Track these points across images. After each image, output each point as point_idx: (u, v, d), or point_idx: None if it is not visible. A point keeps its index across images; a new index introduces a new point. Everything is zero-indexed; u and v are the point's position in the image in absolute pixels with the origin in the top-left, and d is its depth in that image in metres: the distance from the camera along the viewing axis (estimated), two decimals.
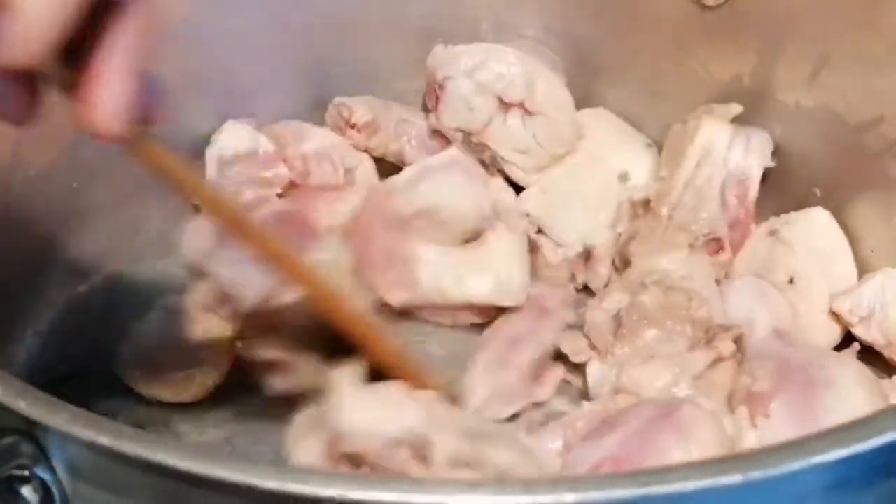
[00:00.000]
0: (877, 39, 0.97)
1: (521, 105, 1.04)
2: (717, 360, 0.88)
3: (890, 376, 0.90)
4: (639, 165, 1.07)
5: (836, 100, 1.00)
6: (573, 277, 1.03)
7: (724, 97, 1.06)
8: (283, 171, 1.06)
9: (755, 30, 1.04)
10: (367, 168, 1.09)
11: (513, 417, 0.93)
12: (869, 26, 0.97)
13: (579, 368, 0.93)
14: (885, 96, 0.97)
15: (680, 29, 1.08)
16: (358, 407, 0.71)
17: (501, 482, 0.67)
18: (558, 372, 0.96)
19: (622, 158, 1.07)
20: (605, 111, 1.12)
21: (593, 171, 1.06)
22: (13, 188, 0.95)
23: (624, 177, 1.06)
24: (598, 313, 0.93)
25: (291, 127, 1.09)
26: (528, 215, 1.04)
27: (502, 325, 0.97)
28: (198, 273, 0.82)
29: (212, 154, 1.04)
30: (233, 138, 1.05)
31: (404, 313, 1.01)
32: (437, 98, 1.05)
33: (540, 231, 1.03)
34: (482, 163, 1.07)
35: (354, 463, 0.70)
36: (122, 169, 1.04)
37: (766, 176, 1.04)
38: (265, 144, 1.05)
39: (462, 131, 1.04)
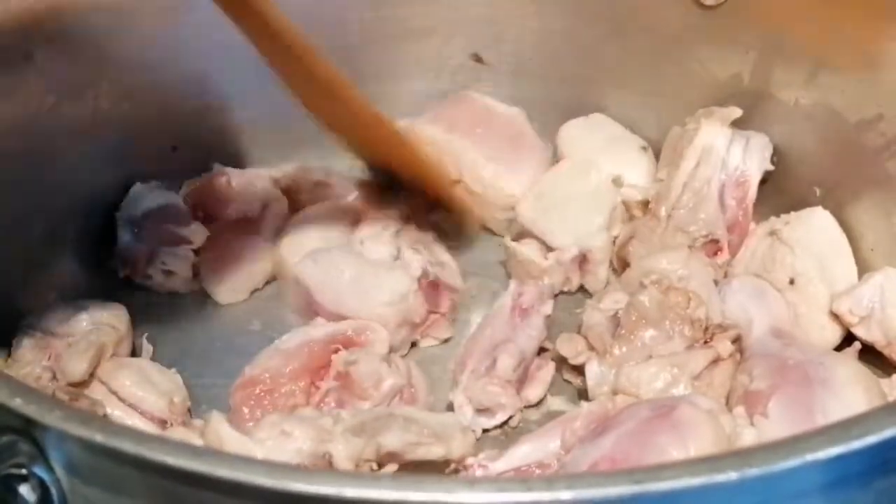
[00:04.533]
0: (875, 38, 0.97)
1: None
2: (716, 360, 0.88)
3: (890, 375, 0.90)
4: (634, 169, 1.07)
5: (835, 98, 1.00)
6: (567, 280, 1.03)
7: (724, 96, 1.06)
8: (199, 229, 1.02)
9: (754, 29, 1.04)
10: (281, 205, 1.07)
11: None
12: (867, 25, 0.97)
13: (578, 368, 0.93)
14: (885, 94, 0.97)
15: (680, 28, 1.08)
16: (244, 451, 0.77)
17: (499, 480, 0.67)
18: (549, 371, 0.96)
19: (616, 163, 1.07)
20: (600, 117, 1.12)
21: (587, 177, 1.06)
22: None
23: (618, 181, 1.06)
24: (596, 314, 0.93)
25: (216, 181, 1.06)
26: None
27: (483, 332, 0.97)
28: None
29: (121, 216, 1.02)
30: (143, 198, 1.03)
31: None
32: None
33: (530, 236, 1.04)
34: None
35: None
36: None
37: (766, 176, 1.04)
38: (176, 201, 1.03)
39: None
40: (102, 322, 0.92)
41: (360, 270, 0.97)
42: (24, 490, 0.61)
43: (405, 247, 1.01)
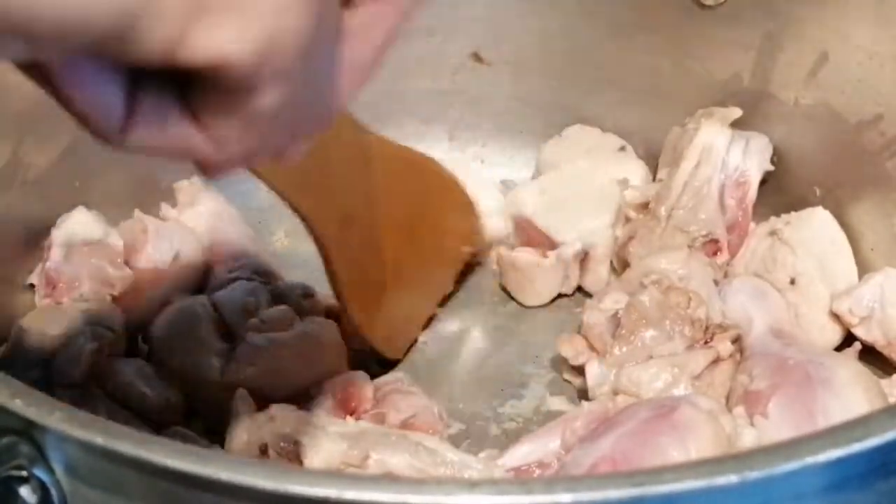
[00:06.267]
0: (876, 37, 0.97)
1: None
2: (716, 360, 0.89)
3: (890, 375, 0.90)
4: (616, 171, 1.07)
5: (835, 98, 1.01)
6: (566, 278, 1.03)
7: (724, 96, 1.06)
8: (129, 276, 0.97)
9: (754, 28, 1.04)
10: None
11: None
12: (868, 24, 0.97)
13: (578, 368, 0.93)
14: (885, 94, 0.97)
15: (680, 28, 1.08)
16: (244, 427, 0.82)
17: (499, 482, 0.67)
18: None
19: (616, 170, 1.07)
20: (576, 129, 1.11)
21: (593, 177, 1.06)
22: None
23: (623, 183, 1.06)
24: (596, 314, 0.93)
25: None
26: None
27: None
28: None
29: (58, 236, 0.97)
30: (83, 225, 0.98)
31: None
32: None
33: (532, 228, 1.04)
34: None
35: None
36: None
37: (766, 176, 1.04)
38: (116, 238, 0.99)
39: None
40: (97, 322, 0.91)
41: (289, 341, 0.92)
42: (25, 492, 0.61)
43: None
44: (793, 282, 0.97)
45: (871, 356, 0.93)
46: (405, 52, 1.13)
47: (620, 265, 1.02)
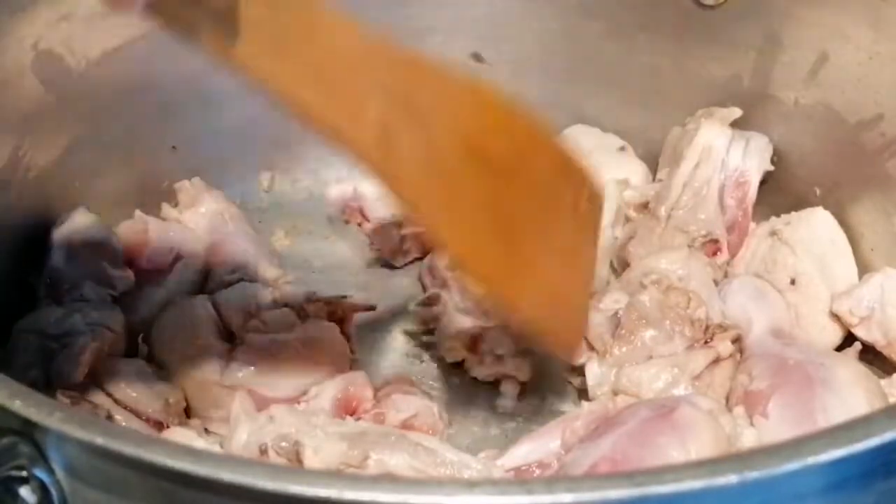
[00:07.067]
0: (876, 37, 0.97)
1: None
2: (716, 360, 0.89)
3: (890, 375, 0.90)
4: (616, 171, 1.06)
5: (835, 98, 1.01)
6: None
7: (724, 96, 1.06)
8: (129, 276, 0.98)
9: (754, 29, 1.04)
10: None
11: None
12: (868, 24, 0.97)
13: (578, 368, 0.93)
14: (885, 94, 0.97)
15: (680, 28, 1.08)
16: (244, 428, 0.82)
17: (499, 482, 0.67)
18: None
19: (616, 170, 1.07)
20: (576, 128, 1.12)
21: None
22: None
23: (622, 183, 1.05)
24: (596, 314, 0.93)
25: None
26: None
27: None
28: None
29: (59, 237, 0.97)
30: (84, 226, 0.99)
31: None
32: None
33: None
34: None
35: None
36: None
37: (766, 176, 1.04)
38: (116, 241, 0.99)
39: None
40: (97, 323, 0.91)
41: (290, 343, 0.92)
42: (25, 492, 0.61)
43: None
44: (793, 282, 0.97)
45: (871, 356, 0.93)
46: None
47: (620, 265, 1.02)
